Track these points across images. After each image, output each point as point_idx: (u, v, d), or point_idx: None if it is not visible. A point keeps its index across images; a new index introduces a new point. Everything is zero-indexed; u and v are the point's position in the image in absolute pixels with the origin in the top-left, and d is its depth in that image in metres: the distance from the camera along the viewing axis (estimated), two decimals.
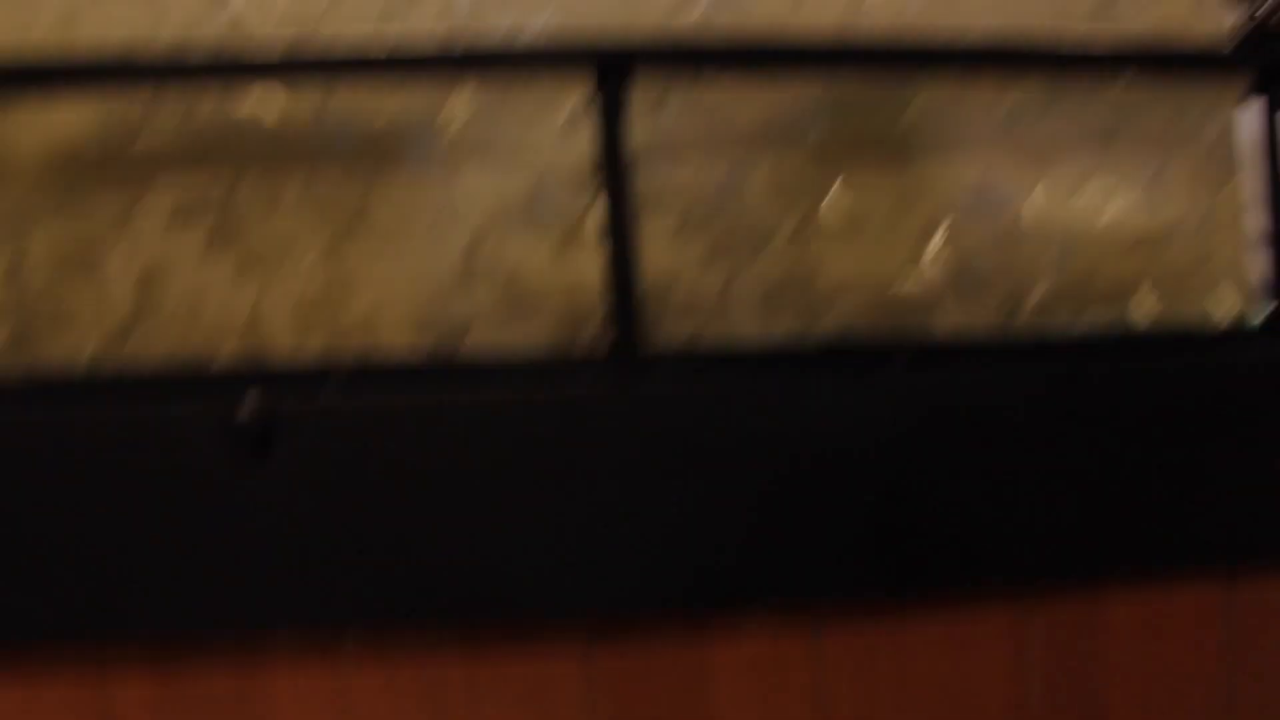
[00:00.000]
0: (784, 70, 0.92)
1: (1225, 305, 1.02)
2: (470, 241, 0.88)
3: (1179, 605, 0.87)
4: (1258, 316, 0.99)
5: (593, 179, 0.84)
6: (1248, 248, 1.03)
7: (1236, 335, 1.00)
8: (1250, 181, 1.02)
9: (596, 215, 0.86)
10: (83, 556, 0.81)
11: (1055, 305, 0.98)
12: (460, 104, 0.93)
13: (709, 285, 0.90)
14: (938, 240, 0.98)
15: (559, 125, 0.94)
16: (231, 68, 0.85)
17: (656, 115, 0.94)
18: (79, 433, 0.82)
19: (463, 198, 0.92)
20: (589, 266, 0.86)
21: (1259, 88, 0.93)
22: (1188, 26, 1.02)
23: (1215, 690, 0.89)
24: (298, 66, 0.85)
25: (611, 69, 0.82)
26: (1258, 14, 1.19)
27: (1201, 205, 1.05)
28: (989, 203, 1.02)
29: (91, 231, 0.88)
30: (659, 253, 0.87)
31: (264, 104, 0.90)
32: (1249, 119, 1.02)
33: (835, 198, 0.98)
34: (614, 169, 0.83)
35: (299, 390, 0.82)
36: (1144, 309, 0.99)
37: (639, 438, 0.82)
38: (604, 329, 0.85)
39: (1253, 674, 0.88)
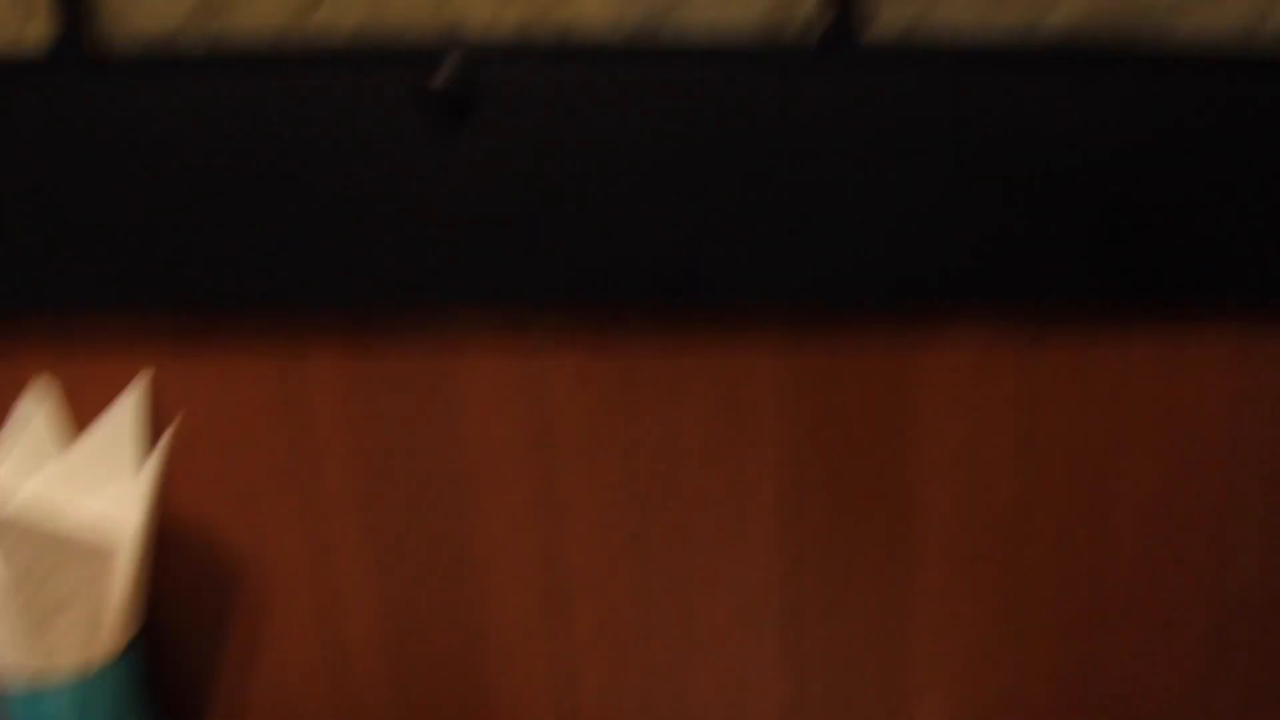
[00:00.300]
0: None
1: None
2: None
3: None
4: None
5: None
6: None
7: None
8: None
9: None
10: (275, 230, 0.80)
11: None
12: None
13: None
14: None
15: None
16: None
17: None
18: (269, 104, 0.79)
19: None
20: None
21: None
22: None
23: None
24: None
25: None
26: None
27: None
28: None
29: None
30: None
31: None
32: None
33: None
34: None
35: (496, 63, 0.77)
36: None
37: (851, 127, 0.77)
38: (819, 12, 0.78)
39: None
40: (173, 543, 0.90)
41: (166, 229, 0.80)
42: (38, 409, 0.87)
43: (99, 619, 0.84)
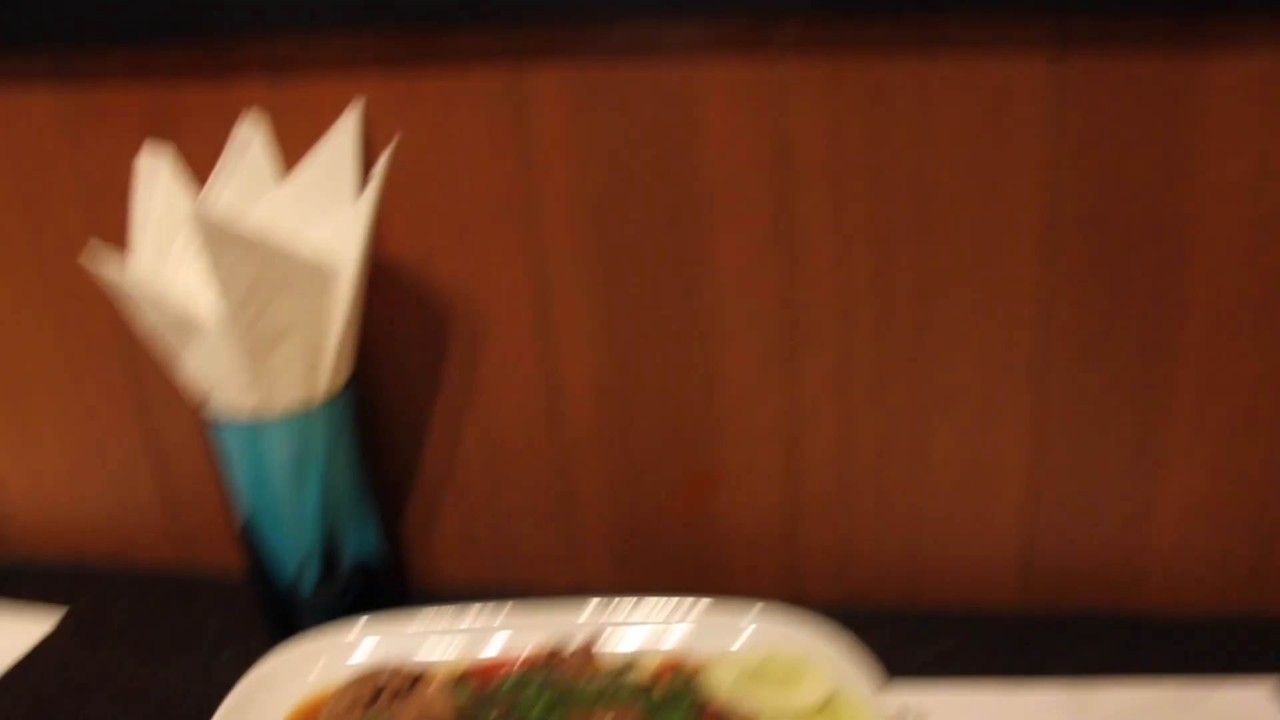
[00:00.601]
0: None
1: None
2: None
3: None
4: None
5: None
6: None
7: None
8: None
9: None
10: None
11: None
12: None
13: None
14: None
15: None
16: None
17: None
18: None
19: None
20: None
21: None
22: None
23: None
24: None
25: None
26: None
27: None
28: None
29: None
30: None
31: None
32: None
33: None
34: None
35: None
36: None
37: None
38: None
39: None
40: (388, 279, 0.87)
41: None
42: (253, 138, 0.84)
43: (317, 353, 0.82)
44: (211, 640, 0.91)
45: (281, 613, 0.89)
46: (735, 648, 0.79)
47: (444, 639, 0.83)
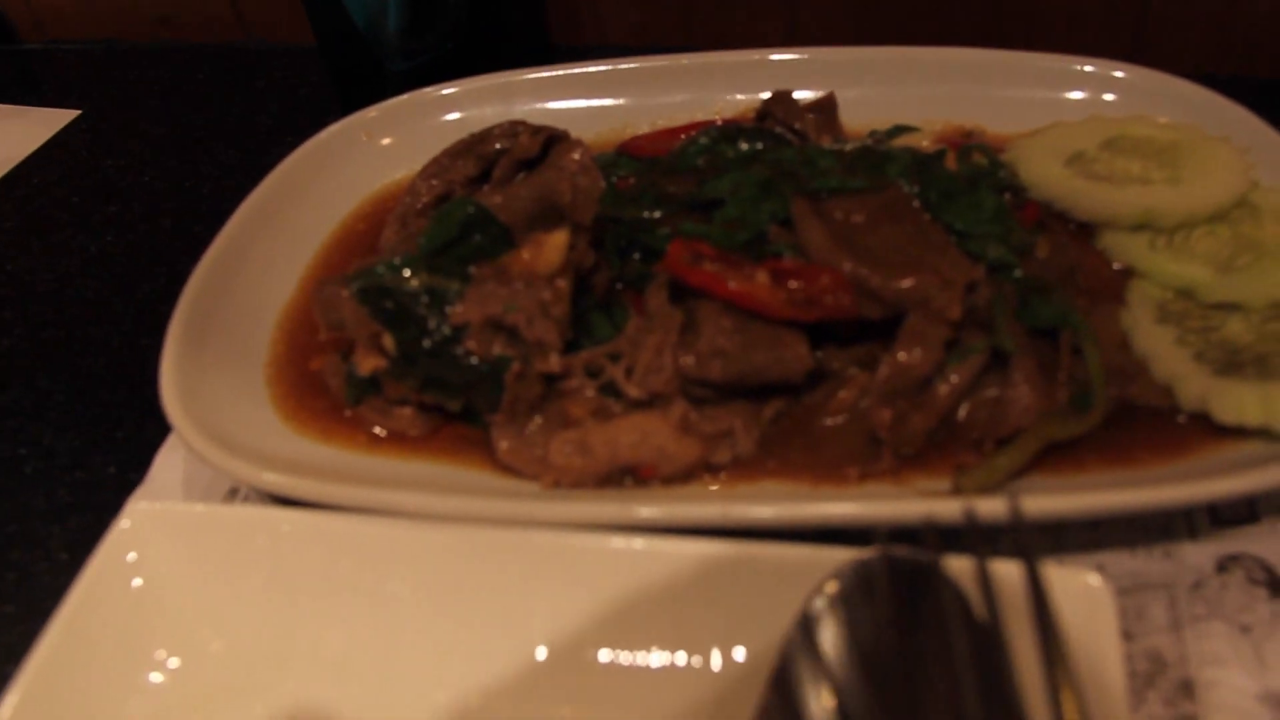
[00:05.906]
0: None
1: None
2: None
3: None
4: None
5: None
6: None
7: None
8: None
9: None
10: None
11: None
12: None
13: None
14: None
15: None
16: None
17: None
18: None
19: None
20: None
21: None
22: None
23: None
24: None
25: None
26: None
27: None
28: None
29: None
30: None
31: None
32: None
33: None
34: None
35: None
36: None
37: None
38: None
39: None
40: None
41: None
42: None
43: None
44: (270, 122, 0.67)
45: (357, 74, 0.60)
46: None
47: (593, 101, 0.54)
